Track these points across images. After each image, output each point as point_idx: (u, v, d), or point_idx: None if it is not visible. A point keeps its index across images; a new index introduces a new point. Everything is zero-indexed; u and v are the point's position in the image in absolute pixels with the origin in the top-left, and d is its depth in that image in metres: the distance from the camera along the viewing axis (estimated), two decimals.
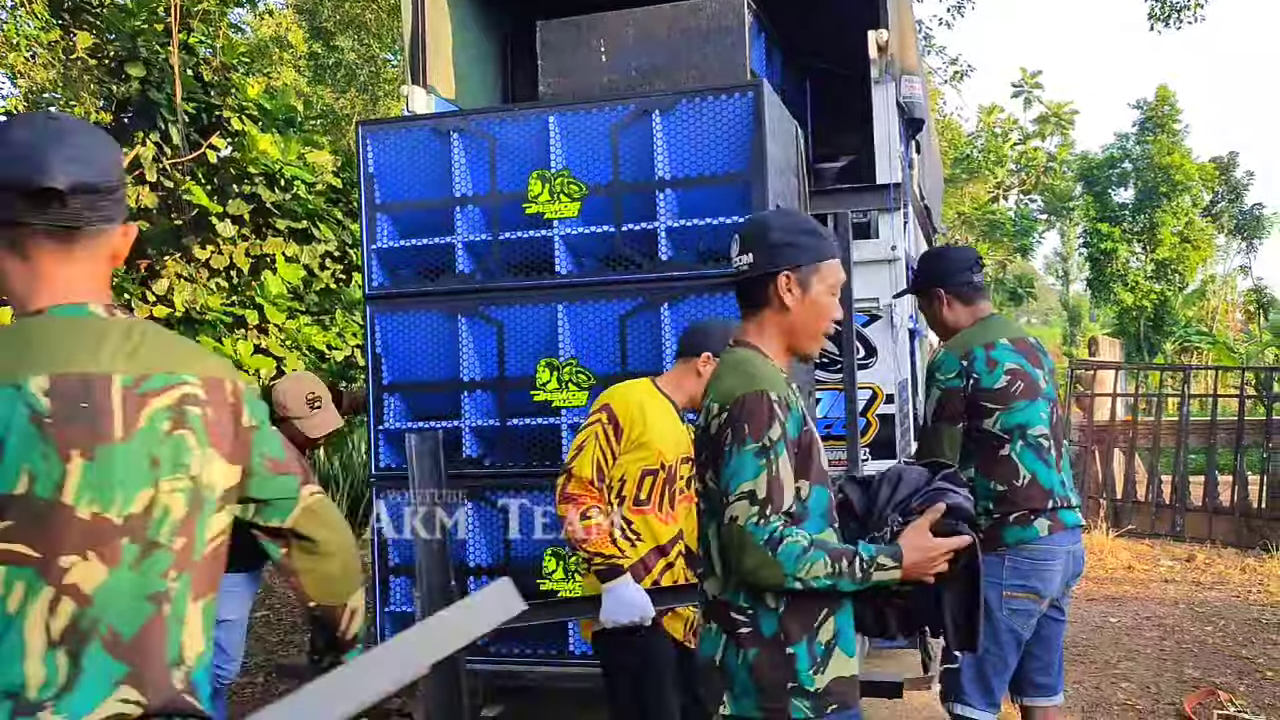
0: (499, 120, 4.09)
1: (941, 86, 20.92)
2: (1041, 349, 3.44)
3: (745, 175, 3.84)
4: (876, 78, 5.11)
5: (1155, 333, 26.20)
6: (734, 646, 2.11)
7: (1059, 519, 3.19)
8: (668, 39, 4.78)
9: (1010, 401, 3.20)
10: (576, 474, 3.16)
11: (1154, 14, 14.24)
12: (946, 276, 3.45)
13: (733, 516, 2.04)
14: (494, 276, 4.06)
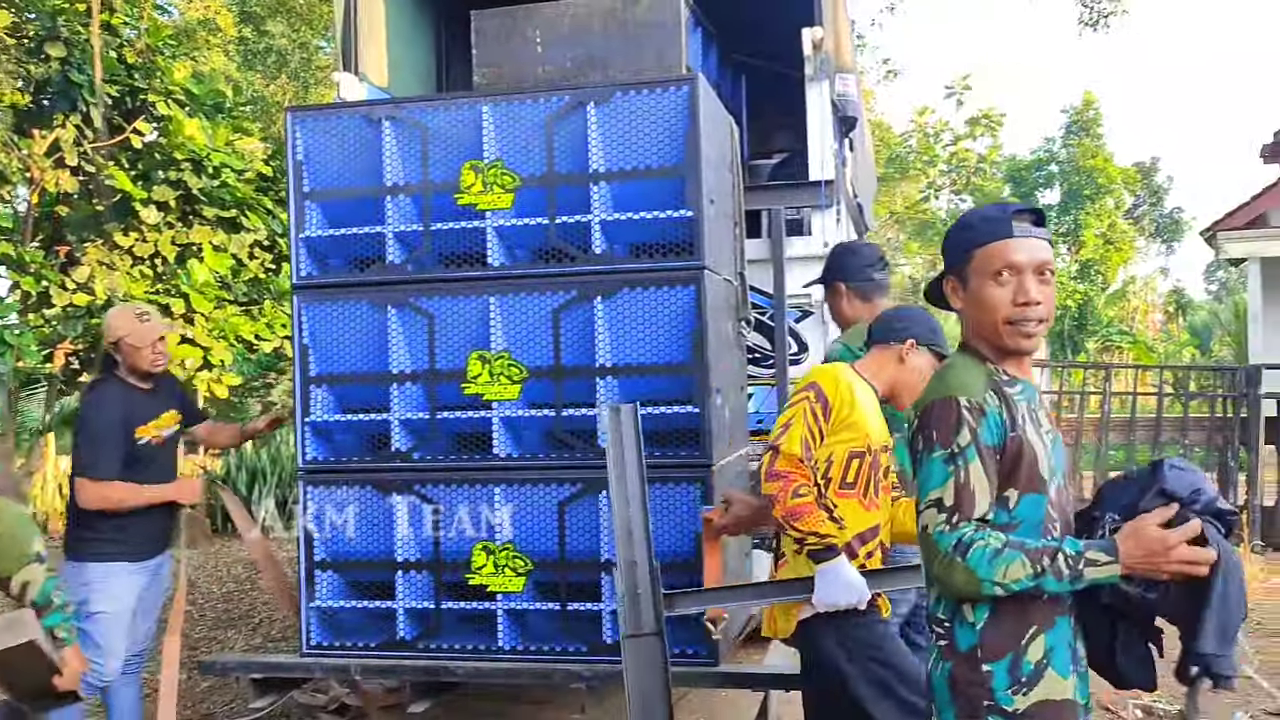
0: (431, 109, 4.03)
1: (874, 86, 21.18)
2: None
3: (680, 169, 3.83)
4: (811, 75, 5.15)
5: (1079, 332, 26.84)
6: (938, 658, 2.09)
7: None
8: (604, 31, 4.76)
9: None
10: (785, 450, 2.95)
11: (1083, 19, 14.67)
12: (849, 272, 3.47)
13: (924, 525, 2.01)
14: (425, 267, 4.00)
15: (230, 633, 6.66)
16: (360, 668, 3.95)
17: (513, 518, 3.92)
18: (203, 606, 7.44)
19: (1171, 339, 33.11)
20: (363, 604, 4.06)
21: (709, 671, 3.77)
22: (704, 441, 3.81)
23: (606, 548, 3.83)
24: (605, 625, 3.83)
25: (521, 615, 3.94)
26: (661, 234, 3.88)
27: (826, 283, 3.55)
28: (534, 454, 3.95)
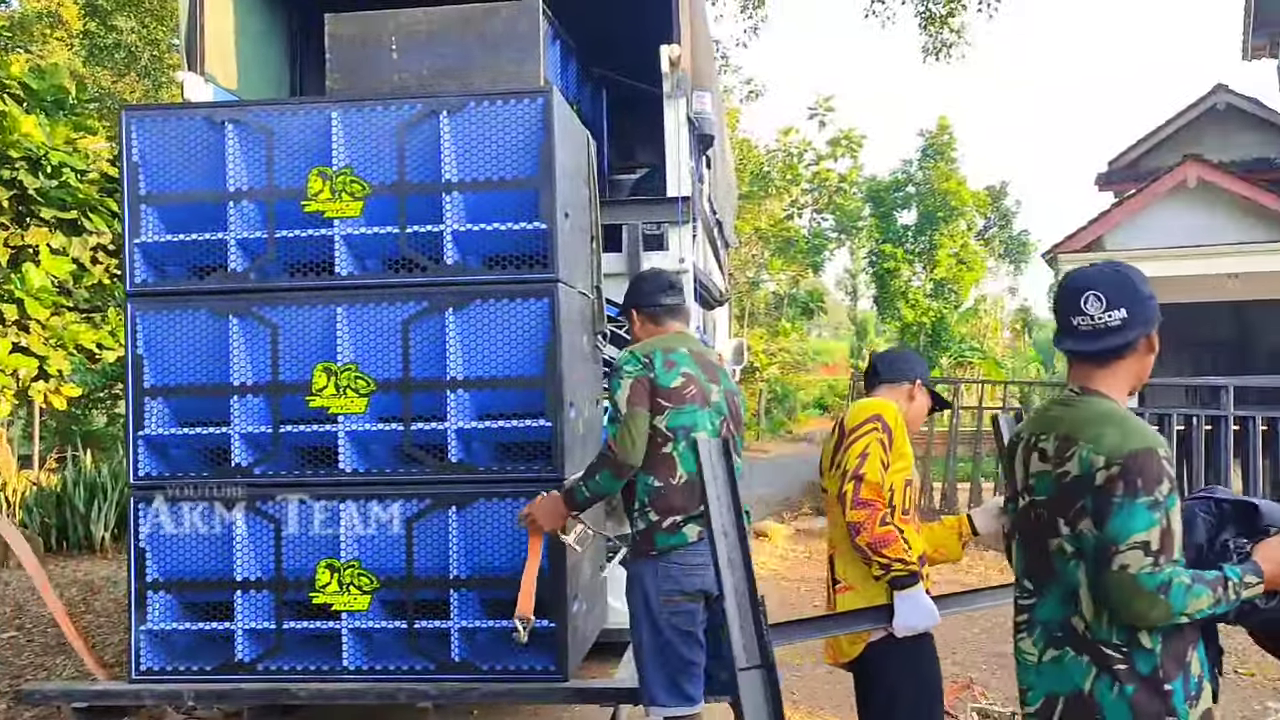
0: (278, 113, 3.92)
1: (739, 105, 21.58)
2: (723, 371, 3.63)
3: (534, 181, 3.82)
4: (669, 92, 5.20)
5: (933, 347, 27.84)
6: (1108, 680, 2.23)
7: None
8: (462, 41, 4.71)
9: (684, 402, 3.35)
10: (870, 479, 3.03)
11: (927, 49, 15.30)
12: (641, 297, 3.61)
13: (1123, 565, 2.15)
14: (269, 276, 3.88)
15: (60, 659, 6.29)
16: (195, 693, 3.78)
17: (359, 534, 3.82)
18: (30, 631, 7.01)
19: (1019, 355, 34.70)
20: (198, 625, 3.89)
21: (558, 687, 3.74)
22: (556, 455, 3.79)
23: (455, 564, 3.77)
24: (453, 643, 3.77)
25: (367, 634, 3.84)
26: (515, 246, 3.85)
27: (623, 309, 3.68)
28: (381, 469, 3.86)
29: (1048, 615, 2.38)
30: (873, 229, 30.25)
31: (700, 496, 3.08)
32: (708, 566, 3.17)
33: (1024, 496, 2.44)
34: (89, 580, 8.96)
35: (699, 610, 3.33)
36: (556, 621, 3.74)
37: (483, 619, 3.82)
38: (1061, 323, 2.42)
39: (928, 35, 15.30)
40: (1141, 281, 2.37)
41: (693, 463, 3.21)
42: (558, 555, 3.73)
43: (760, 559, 10.12)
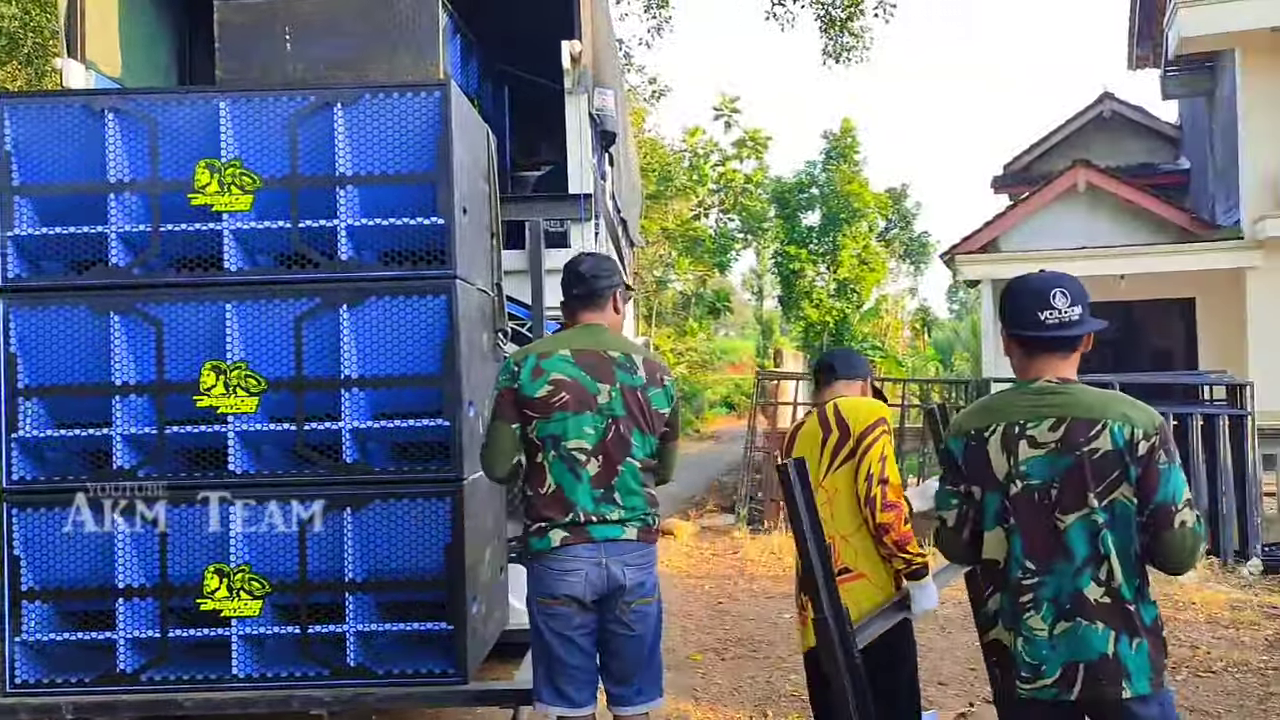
0: (163, 102, 3.77)
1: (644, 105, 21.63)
2: (627, 365, 3.27)
3: (431, 175, 3.75)
4: (570, 88, 5.18)
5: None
6: (1127, 640, 2.52)
7: (582, 532, 3.17)
8: (358, 33, 4.62)
9: (551, 411, 3.19)
10: (894, 482, 3.30)
11: (828, 51, 15.54)
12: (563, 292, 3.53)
13: (1183, 521, 2.49)
14: (154, 271, 3.74)
15: None
16: (74, 705, 3.62)
17: (249, 538, 3.71)
18: None
19: (918, 354, 35.51)
20: (78, 635, 3.73)
21: (457, 690, 3.69)
22: (455, 455, 3.73)
23: (351, 567, 3.68)
24: (349, 647, 3.68)
25: (258, 640, 3.73)
26: (412, 242, 3.78)
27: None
28: (273, 470, 3.75)
29: (1055, 591, 2.57)
30: (778, 230, 30.65)
31: (565, 506, 3.18)
32: (574, 574, 3.16)
33: (1014, 482, 2.60)
34: None
35: (573, 615, 3.19)
36: (455, 623, 3.68)
37: (379, 623, 3.74)
38: (1027, 318, 2.62)
39: (828, 38, 15.51)
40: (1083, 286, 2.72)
41: (562, 472, 3.19)
42: (454, 558, 3.68)
43: (666, 557, 10.16)
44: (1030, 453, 2.58)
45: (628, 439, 3.23)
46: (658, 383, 3.32)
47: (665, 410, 3.34)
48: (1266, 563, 9.17)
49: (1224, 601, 7.65)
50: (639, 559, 3.25)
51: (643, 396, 3.27)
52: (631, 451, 3.24)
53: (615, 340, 3.37)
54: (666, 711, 5.22)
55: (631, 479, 3.25)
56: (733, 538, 10.82)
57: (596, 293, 3.38)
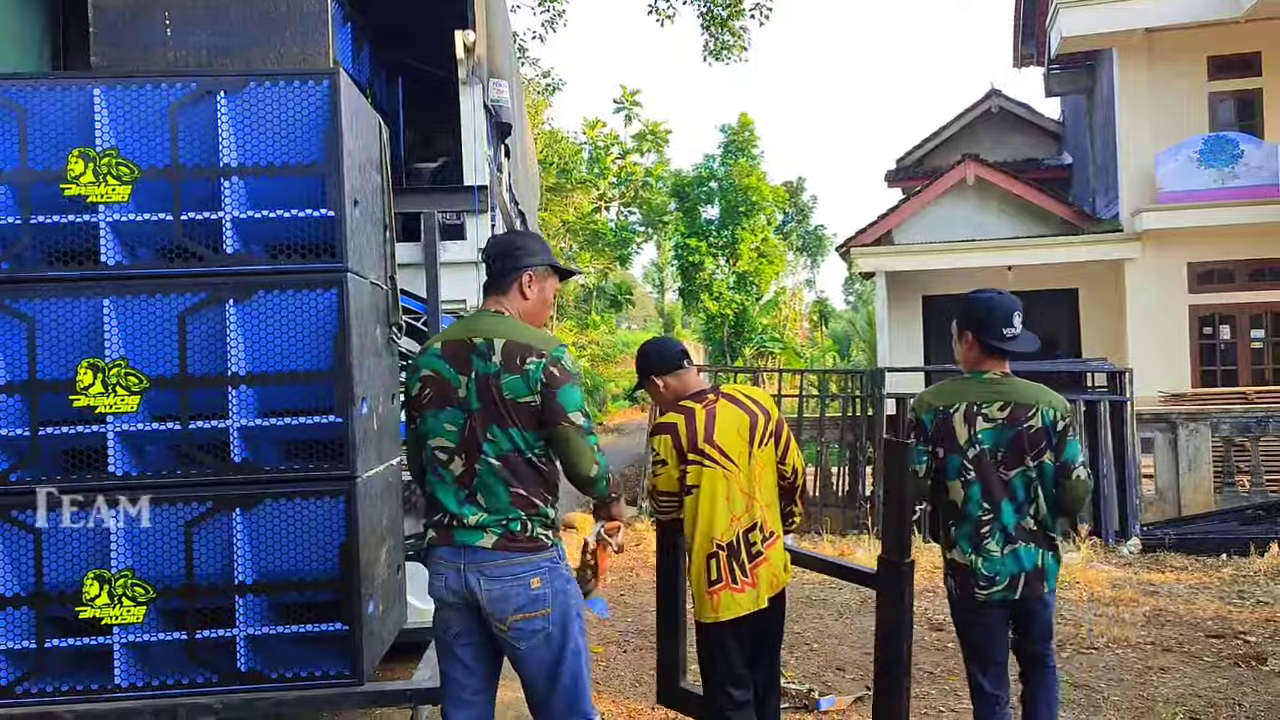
0: (32, 89, 3.60)
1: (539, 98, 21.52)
2: (485, 351, 3.07)
3: (320, 167, 3.65)
4: (464, 78, 5.12)
5: (736, 338, 28.64)
6: (1050, 554, 3.71)
7: (446, 535, 3.11)
8: (243, 19, 4.48)
9: (422, 410, 3.17)
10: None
11: (708, 48, 15.77)
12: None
13: (1079, 475, 3.67)
14: (25, 265, 3.56)
15: None
16: None
17: (132, 542, 3.57)
18: None
19: (816, 345, 36.14)
20: None
21: (354, 692, 3.61)
22: (348, 452, 3.65)
23: (241, 569, 3.58)
24: (239, 652, 3.58)
25: (142, 648, 3.59)
26: (301, 234, 3.68)
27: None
28: (157, 471, 3.62)
29: (1006, 522, 3.66)
30: (678, 223, 30.84)
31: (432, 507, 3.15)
32: (439, 576, 3.12)
33: (973, 447, 3.68)
34: None
35: (449, 621, 3.11)
36: (350, 624, 3.61)
37: (271, 625, 3.64)
38: (995, 332, 3.69)
39: (710, 35, 15.68)
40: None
41: (430, 473, 3.17)
42: (348, 557, 3.60)
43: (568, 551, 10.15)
44: (984, 425, 3.67)
45: (484, 434, 3.03)
46: (516, 368, 3.02)
47: (528, 398, 3.01)
48: (1145, 542, 9.58)
49: (1105, 580, 7.97)
50: (499, 569, 3.02)
51: (495, 385, 3.02)
52: (488, 449, 3.03)
53: (490, 325, 3.11)
54: None
55: (491, 479, 3.04)
56: (635, 530, 10.86)
57: (499, 274, 3.22)
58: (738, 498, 3.72)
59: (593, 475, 3.11)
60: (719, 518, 3.69)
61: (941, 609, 6.64)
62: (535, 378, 3.02)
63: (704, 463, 3.70)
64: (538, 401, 3.02)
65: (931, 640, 6.35)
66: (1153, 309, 14.29)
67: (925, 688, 5.44)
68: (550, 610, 3.06)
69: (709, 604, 3.73)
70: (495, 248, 3.28)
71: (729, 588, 3.70)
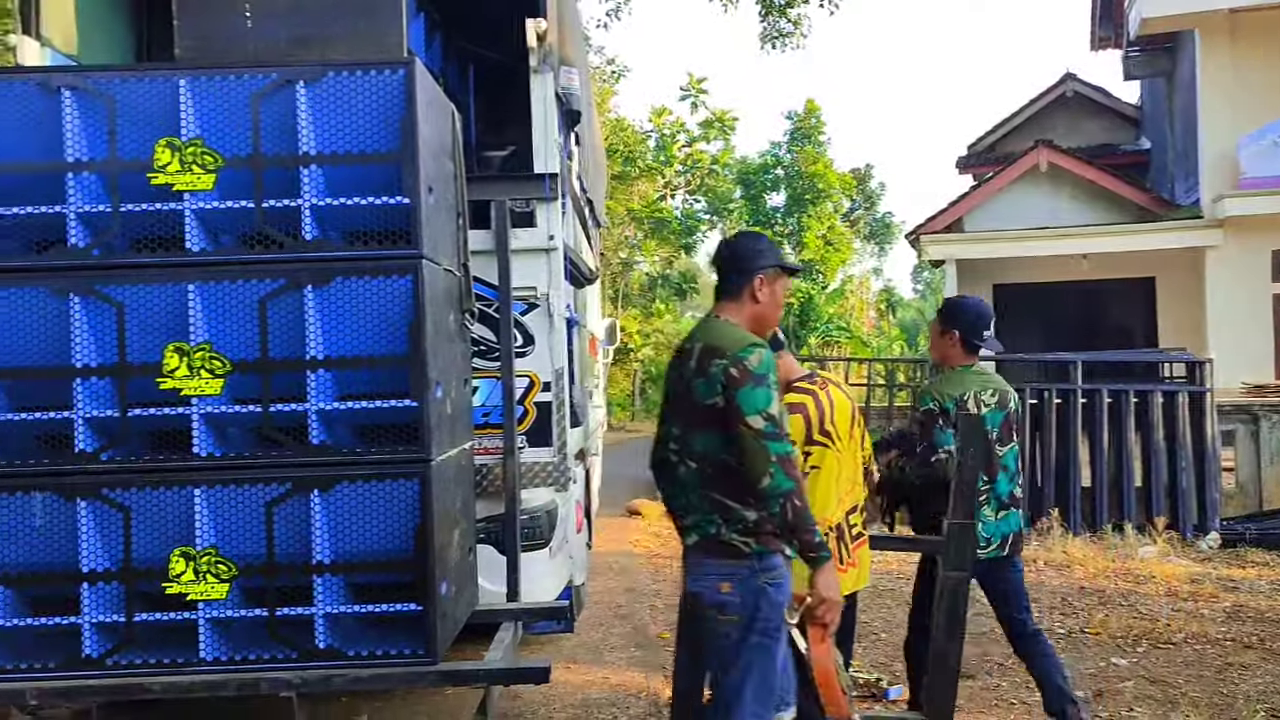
0: (121, 80, 3.71)
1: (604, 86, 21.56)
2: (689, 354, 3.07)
3: (396, 154, 3.71)
4: (535, 67, 5.14)
5: (802, 327, 28.44)
6: (1025, 518, 4.23)
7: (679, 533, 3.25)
8: (320, 10, 4.55)
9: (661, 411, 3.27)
10: None
11: (765, 36, 15.65)
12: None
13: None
14: (114, 252, 3.68)
15: None
16: (37, 691, 3.58)
17: (215, 521, 3.67)
18: None
19: (883, 334, 35.74)
20: (41, 621, 3.68)
21: (427, 670, 3.68)
22: (422, 436, 3.71)
23: (319, 549, 3.67)
24: (317, 629, 3.66)
25: (225, 623, 3.70)
26: (377, 221, 3.75)
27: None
28: (239, 452, 3.72)
29: (1000, 492, 4.24)
30: (743, 211, 30.68)
31: None
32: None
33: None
34: None
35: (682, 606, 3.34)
36: (425, 604, 3.68)
37: (348, 604, 3.73)
38: (980, 333, 4.32)
39: (767, 24, 15.58)
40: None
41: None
42: (423, 539, 3.67)
43: (635, 537, 10.20)
44: (984, 410, 4.21)
45: (685, 437, 3.03)
46: (704, 371, 2.95)
47: (713, 400, 2.92)
48: (1225, 536, 9.34)
49: (1183, 575, 7.80)
50: (698, 570, 3.03)
51: (691, 388, 2.99)
52: (687, 452, 3.02)
53: (702, 330, 3.10)
54: (638, 688, 5.26)
55: (690, 481, 3.02)
56: None
57: (729, 279, 3.16)
58: (844, 480, 3.78)
59: (761, 486, 2.84)
60: (831, 499, 3.72)
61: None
62: (718, 379, 2.92)
63: (826, 444, 3.72)
64: (721, 403, 2.92)
65: (1000, 633, 6.29)
66: (1235, 298, 13.89)
67: (996, 679, 5.39)
68: (737, 619, 2.96)
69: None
70: (727, 253, 3.19)
71: (848, 567, 3.75)
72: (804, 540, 2.85)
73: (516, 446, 5.02)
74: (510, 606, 4.69)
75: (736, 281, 3.13)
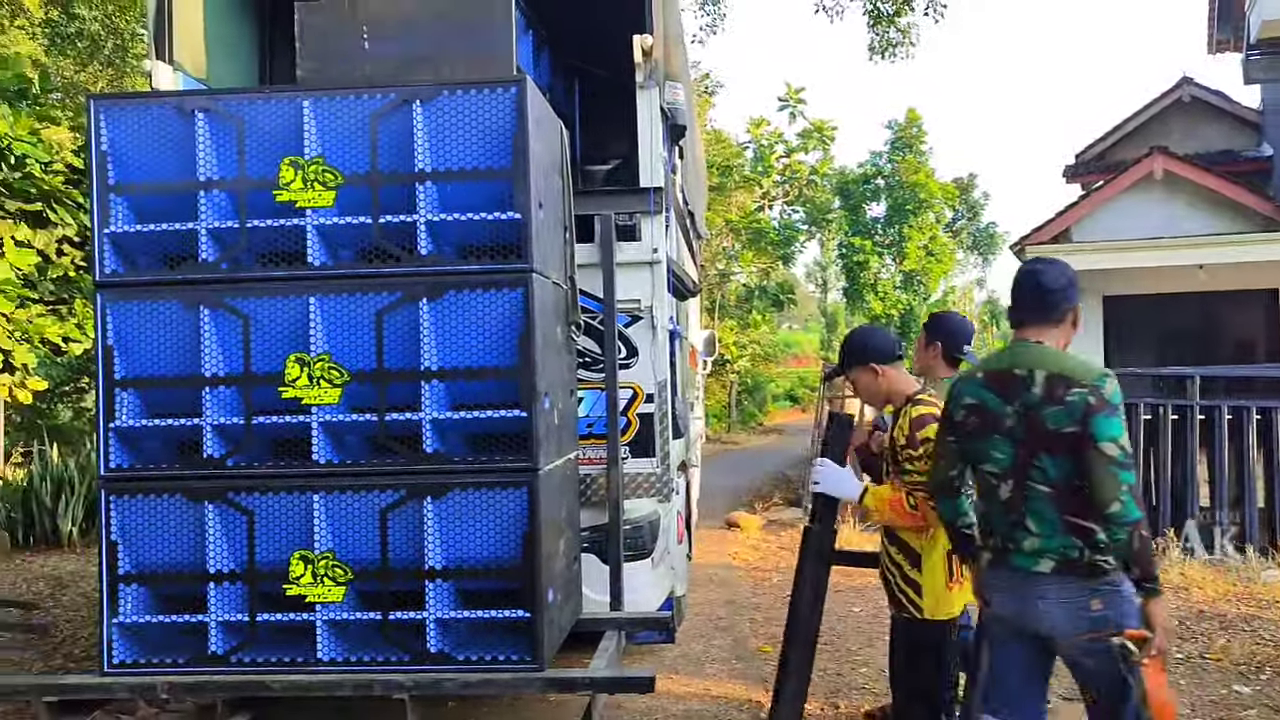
0: (249, 102, 3.88)
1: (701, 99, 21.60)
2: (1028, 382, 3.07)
3: (508, 171, 3.81)
4: (641, 82, 5.20)
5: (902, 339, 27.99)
6: None
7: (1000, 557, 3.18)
8: (433, 30, 4.69)
9: (967, 435, 3.20)
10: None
11: (873, 46, 15.46)
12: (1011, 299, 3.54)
13: None
14: (241, 266, 3.85)
15: (28, 653, 6.23)
16: (168, 685, 3.76)
17: (333, 525, 3.81)
18: None
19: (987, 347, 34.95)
20: (171, 618, 3.86)
21: (534, 677, 3.75)
22: (530, 445, 3.79)
23: (431, 555, 3.77)
24: (429, 634, 3.76)
25: (342, 625, 3.83)
26: (489, 236, 3.85)
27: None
28: (356, 460, 3.85)
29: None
30: (842, 221, 30.38)
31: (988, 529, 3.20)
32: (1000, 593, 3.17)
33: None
34: (56, 574, 8.87)
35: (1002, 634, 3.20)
36: (532, 611, 3.75)
37: (458, 609, 3.82)
38: (960, 347, 4.18)
39: (875, 34, 15.40)
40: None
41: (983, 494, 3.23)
42: (531, 546, 3.74)
43: (734, 549, 10.17)
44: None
45: (1033, 462, 3.04)
46: (1058, 399, 2.99)
47: (1070, 427, 2.96)
48: None
49: None
50: (1058, 594, 3.03)
51: (1038, 416, 3.02)
52: (1036, 475, 3.03)
53: (1032, 357, 3.10)
54: (740, 700, 5.26)
55: (1042, 505, 3.04)
56: (799, 530, 10.79)
57: (1052, 306, 3.15)
58: None
59: (1110, 511, 2.89)
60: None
61: None
62: (1077, 407, 2.96)
63: None
64: (1078, 430, 2.96)
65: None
66: None
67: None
68: (1112, 631, 2.98)
69: (947, 600, 3.70)
70: (1050, 281, 3.17)
71: (958, 583, 3.70)
72: (1145, 570, 2.91)
73: (620, 457, 5.08)
74: (614, 616, 4.74)
75: (1060, 308, 3.15)
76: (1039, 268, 3.19)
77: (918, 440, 3.61)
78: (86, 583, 8.34)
